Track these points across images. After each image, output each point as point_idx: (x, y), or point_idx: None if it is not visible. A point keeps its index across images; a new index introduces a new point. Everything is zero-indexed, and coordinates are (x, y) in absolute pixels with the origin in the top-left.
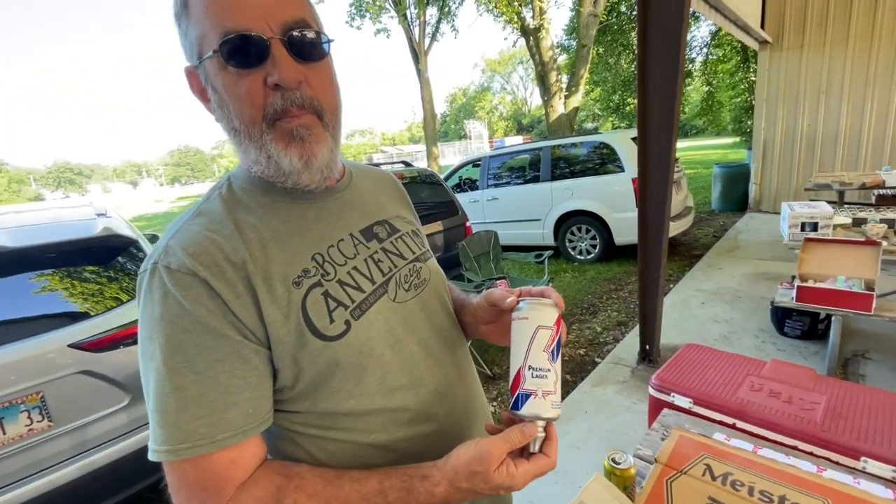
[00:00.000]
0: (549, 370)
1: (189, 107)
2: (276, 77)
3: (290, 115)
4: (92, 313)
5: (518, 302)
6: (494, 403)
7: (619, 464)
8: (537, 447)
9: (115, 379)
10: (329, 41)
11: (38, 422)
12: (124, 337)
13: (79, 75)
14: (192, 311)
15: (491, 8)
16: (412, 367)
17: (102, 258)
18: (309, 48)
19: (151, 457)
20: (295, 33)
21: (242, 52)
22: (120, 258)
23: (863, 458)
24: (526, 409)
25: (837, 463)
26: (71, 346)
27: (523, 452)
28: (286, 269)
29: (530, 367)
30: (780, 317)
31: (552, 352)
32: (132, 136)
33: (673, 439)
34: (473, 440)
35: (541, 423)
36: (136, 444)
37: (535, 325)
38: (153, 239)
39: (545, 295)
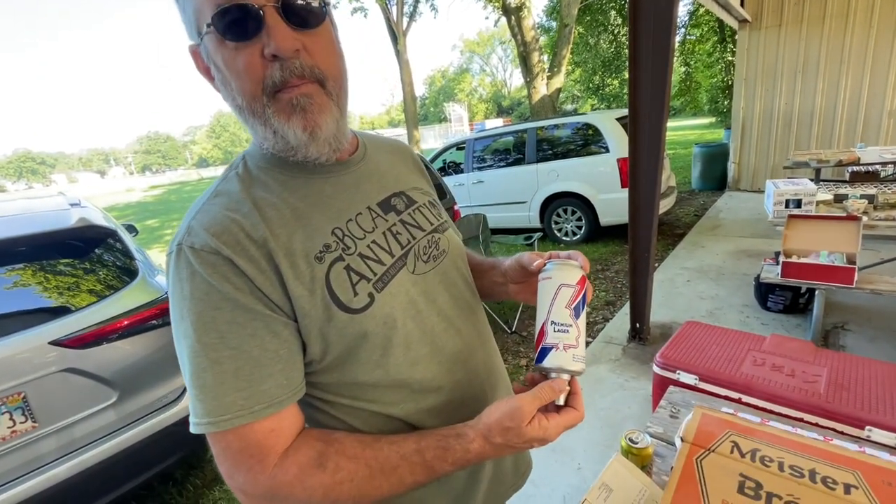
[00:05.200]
0: (570, 325)
1: (158, 90)
2: (273, 47)
3: (290, 85)
4: (72, 308)
5: (545, 263)
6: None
7: (636, 443)
8: (562, 400)
9: (101, 376)
10: (326, 4)
11: (22, 423)
12: (109, 332)
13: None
14: (220, 288)
15: None
16: (433, 338)
17: (80, 250)
18: (305, 14)
19: (193, 429)
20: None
21: (237, 23)
22: (98, 250)
23: (867, 428)
24: (548, 362)
25: (842, 433)
26: (52, 343)
27: (550, 406)
28: (307, 244)
29: (552, 322)
30: (764, 292)
31: (574, 308)
32: (97, 122)
33: (696, 417)
34: (504, 399)
35: (565, 377)
36: (126, 441)
37: (558, 284)
38: (130, 229)
39: (572, 258)
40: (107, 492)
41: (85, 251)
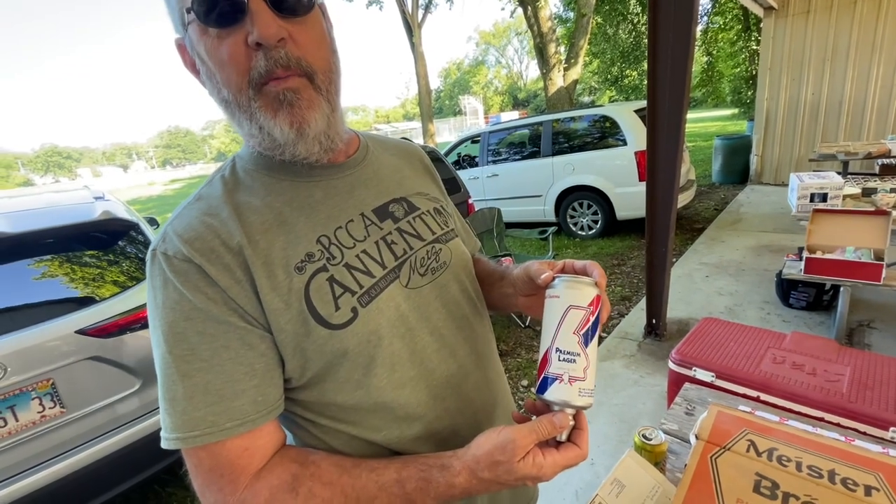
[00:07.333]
0: (578, 354)
1: (178, 85)
2: (256, 34)
3: (276, 76)
4: (97, 299)
5: (554, 278)
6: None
7: (650, 439)
8: (565, 436)
9: (125, 364)
10: None
11: (51, 408)
12: (132, 322)
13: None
14: (192, 298)
15: None
16: (422, 359)
17: (104, 242)
18: (292, 1)
19: (163, 444)
20: None
21: (218, 9)
22: (121, 242)
23: (892, 429)
24: (550, 394)
25: (865, 433)
26: (78, 332)
27: (550, 441)
28: (288, 253)
29: (557, 350)
30: (786, 288)
31: (584, 335)
32: (120, 117)
33: (712, 415)
34: (497, 428)
35: (570, 412)
36: (149, 427)
37: (567, 305)
38: (152, 222)
39: (587, 271)
40: (131, 476)
41: (109, 243)
